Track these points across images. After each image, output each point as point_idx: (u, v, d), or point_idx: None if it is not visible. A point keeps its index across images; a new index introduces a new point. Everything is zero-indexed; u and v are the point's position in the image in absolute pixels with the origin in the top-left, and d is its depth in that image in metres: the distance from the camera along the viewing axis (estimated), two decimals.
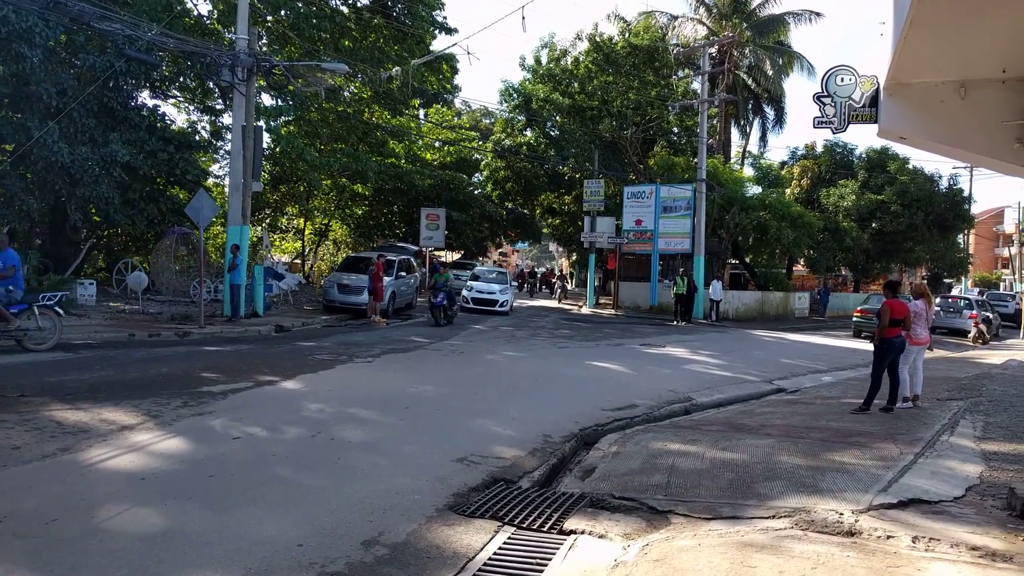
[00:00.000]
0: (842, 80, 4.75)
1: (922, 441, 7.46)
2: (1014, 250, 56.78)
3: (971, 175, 45.06)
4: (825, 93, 4.79)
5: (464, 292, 23.75)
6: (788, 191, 35.74)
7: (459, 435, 7.14)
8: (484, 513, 5.01)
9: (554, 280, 39.69)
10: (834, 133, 4.79)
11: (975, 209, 41.52)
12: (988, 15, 3.53)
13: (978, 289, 50.89)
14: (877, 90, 4.68)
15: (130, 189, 18.71)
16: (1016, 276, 55.20)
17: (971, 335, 25.15)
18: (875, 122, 4.74)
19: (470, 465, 6.12)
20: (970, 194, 39.59)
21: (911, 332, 9.36)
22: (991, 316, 27.83)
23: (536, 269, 55.27)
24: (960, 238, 43.23)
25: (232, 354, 11.65)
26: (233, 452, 5.94)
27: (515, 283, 27.57)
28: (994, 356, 19.36)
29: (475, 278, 25.53)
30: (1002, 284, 64.30)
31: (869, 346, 19.87)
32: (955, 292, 41.53)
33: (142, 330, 13.46)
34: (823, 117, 4.91)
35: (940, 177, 36.21)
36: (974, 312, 26.50)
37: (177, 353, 11.39)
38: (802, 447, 7.16)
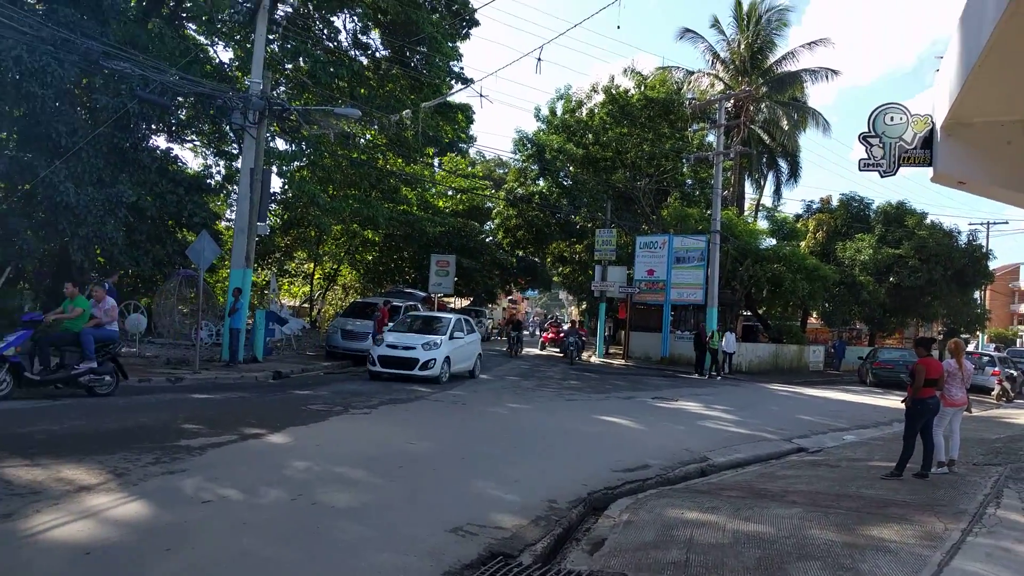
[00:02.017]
0: (891, 119, 4.27)
1: (967, 515, 6.76)
2: None
3: (988, 231, 44.50)
4: (872, 133, 4.31)
5: (372, 350, 16.73)
6: (803, 244, 35.29)
7: (455, 500, 6.52)
8: None
9: (563, 332, 30.00)
10: (882, 176, 4.29)
11: (991, 265, 40.94)
12: None
13: (994, 345, 49.84)
14: (932, 130, 4.17)
15: (136, 230, 18.45)
16: None
17: (994, 392, 24.24)
18: (929, 165, 4.22)
19: (466, 536, 5.49)
20: (989, 249, 38.95)
21: (945, 392, 8.73)
22: (1015, 373, 26.91)
23: (546, 317, 52.30)
24: (977, 294, 42.45)
25: (221, 403, 11.10)
26: (200, 519, 5.33)
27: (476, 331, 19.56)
28: (1023, 415, 18.50)
29: (404, 326, 17.80)
30: (1018, 340, 63.10)
31: (888, 402, 19.38)
32: (970, 348, 40.53)
33: (134, 374, 12.92)
34: (870, 159, 4.40)
35: (959, 232, 35.73)
36: (997, 369, 25.58)
37: (162, 401, 10.83)
38: (834, 519, 6.48)
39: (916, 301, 34.67)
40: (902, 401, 8.65)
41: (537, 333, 45.79)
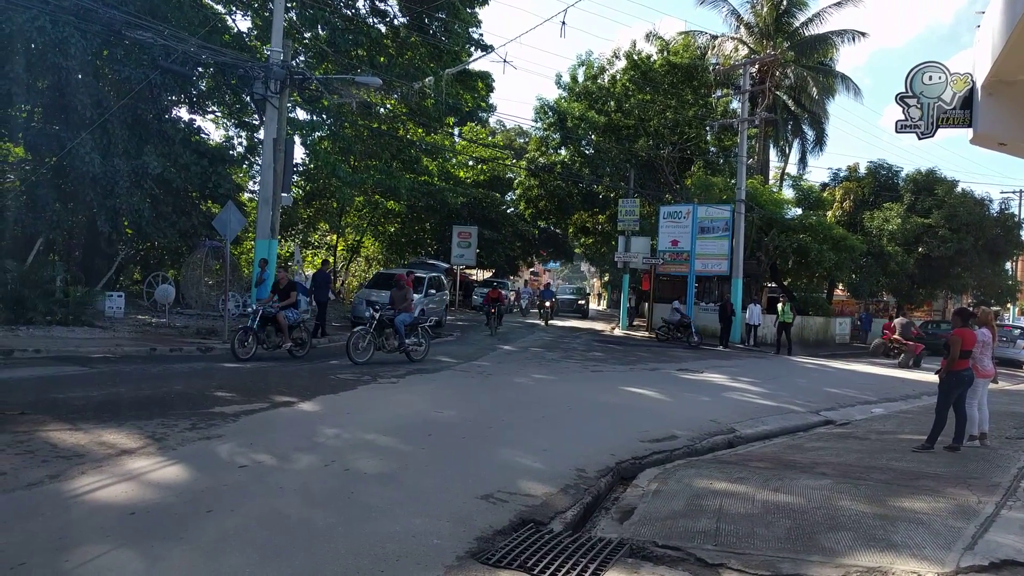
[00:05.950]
0: (930, 79, 4.14)
1: (1000, 487, 6.70)
2: None
3: (1020, 199, 43.46)
4: (910, 93, 4.18)
5: None
6: (830, 214, 34.74)
7: (484, 468, 6.58)
8: (511, 563, 4.43)
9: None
10: (920, 138, 4.18)
11: None
12: None
13: None
14: (972, 90, 4.04)
15: (162, 202, 18.55)
16: None
17: None
18: (969, 126, 4.10)
19: (496, 503, 5.54)
20: (1021, 218, 38.06)
21: (978, 363, 8.61)
22: None
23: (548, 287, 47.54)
24: (1008, 265, 41.64)
25: (252, 371, 11.25)
26: (237, 483, 5.44)
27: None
28: None
29: None
30: None
31: (916, 375, 19.18)
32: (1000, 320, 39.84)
33: (165, 344, 13.16)
34: (907, 120, 4.28)
35: (991, 201, 34.96)
36: None
37: (195, 369, 11.02)
38: (865, 491, 6.44)
39: (945, 272, 34.09)
40: (936, 372, 8.54)
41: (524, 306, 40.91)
